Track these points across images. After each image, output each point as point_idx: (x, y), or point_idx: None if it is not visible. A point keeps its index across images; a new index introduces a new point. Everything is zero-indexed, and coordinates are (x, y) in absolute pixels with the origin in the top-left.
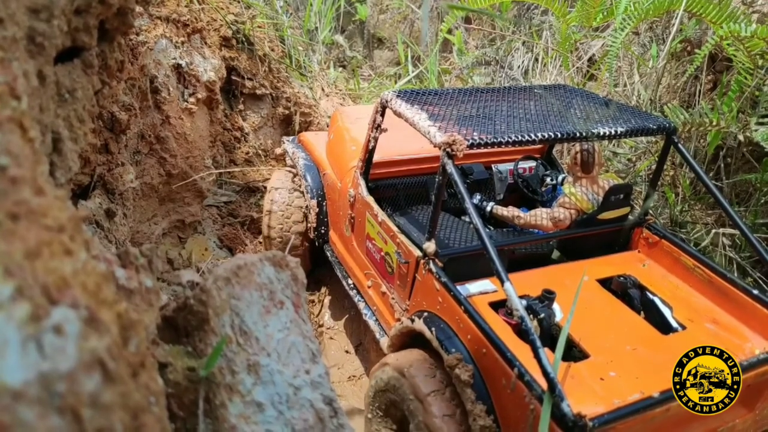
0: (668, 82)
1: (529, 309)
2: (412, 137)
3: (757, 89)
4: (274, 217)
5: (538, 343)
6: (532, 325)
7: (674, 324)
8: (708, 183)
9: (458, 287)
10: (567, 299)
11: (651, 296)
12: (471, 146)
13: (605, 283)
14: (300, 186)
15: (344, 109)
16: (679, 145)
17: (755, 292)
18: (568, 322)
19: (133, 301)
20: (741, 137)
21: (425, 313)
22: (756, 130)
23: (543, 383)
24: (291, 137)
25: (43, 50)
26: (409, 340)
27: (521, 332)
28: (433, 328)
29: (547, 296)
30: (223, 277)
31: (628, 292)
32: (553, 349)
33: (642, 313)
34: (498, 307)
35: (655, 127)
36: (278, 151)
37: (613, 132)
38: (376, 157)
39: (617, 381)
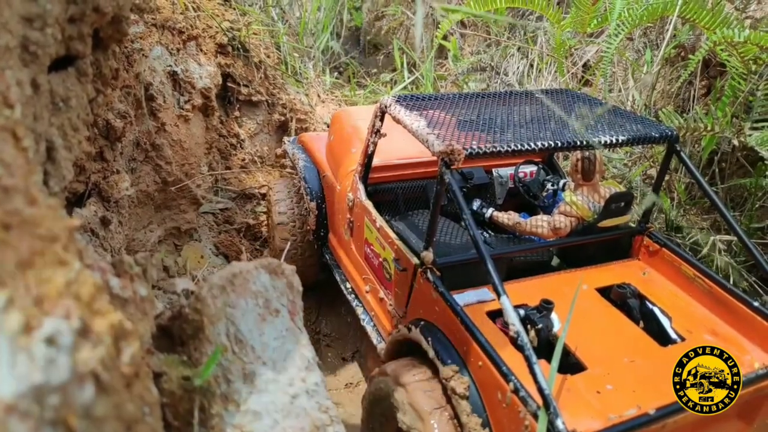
0: (662, 87)
1: (526, 319)
2: (412, 141)
3: (750, 94)
4: (284, 228)
5: (534, 358)
6: (530, 336)
7: (673, 335)
8: (710, 193)
9: (456, 296)
10: (566, 308)
11: (650, 306)
12: (469, 156)
13: (605, 291)
14: (300, 189)
15: (345, 110)
16: (682, 154)
17: (755, 303)
18: (563, 336)
19: (128, 310)
20: (735, 142)
21: (422, 322)
22: (750, 135)
23: (538, 398)
24: (291, 137)
25: (36, 59)
26: (405, 348)
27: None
28: (429, 338)
29: (545, 306)
30: (218, 285)
31: (627, 302)
32: (549, 360)
33: (641, 323)
34: (496, 316)
35: (657, 135)
36: (278, 151)
37: (615, 140)
38: (376, 161)
39: (614, 394)
